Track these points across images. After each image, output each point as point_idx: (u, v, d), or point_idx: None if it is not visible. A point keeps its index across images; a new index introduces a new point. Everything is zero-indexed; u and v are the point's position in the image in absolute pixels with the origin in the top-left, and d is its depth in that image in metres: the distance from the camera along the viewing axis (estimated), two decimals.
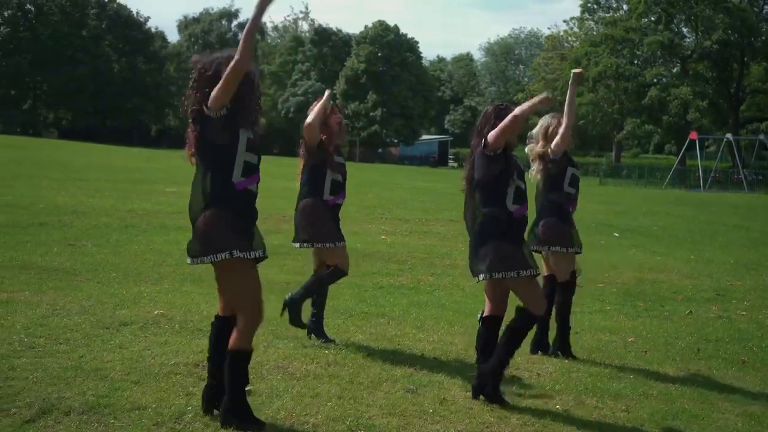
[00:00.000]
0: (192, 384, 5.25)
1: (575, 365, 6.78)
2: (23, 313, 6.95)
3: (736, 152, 53.50)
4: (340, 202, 7.01)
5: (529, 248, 5.79)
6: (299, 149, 6.95)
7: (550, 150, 7.04)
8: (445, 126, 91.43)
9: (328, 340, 6.87)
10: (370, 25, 77.94)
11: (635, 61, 60.55)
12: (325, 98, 6.82)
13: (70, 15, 78.64)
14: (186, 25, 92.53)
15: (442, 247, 14.36)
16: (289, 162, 7.92)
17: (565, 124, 6.97)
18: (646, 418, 5.51)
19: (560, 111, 7.18)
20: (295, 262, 10.57)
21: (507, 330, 5.61)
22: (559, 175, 7.08)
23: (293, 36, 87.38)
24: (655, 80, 58.44)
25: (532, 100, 5.43)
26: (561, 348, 7.05)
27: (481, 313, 5.91)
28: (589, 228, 20.19)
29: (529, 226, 7.16)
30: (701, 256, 16.12)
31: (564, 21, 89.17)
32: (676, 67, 62.15)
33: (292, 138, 69.00)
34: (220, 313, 4.87)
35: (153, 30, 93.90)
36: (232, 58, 4.53)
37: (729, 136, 51.23)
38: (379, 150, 77.98)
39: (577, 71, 6.98)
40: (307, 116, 6.78)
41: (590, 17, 67.99)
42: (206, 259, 4.55)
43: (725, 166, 56.28)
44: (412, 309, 8.92)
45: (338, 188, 6.91)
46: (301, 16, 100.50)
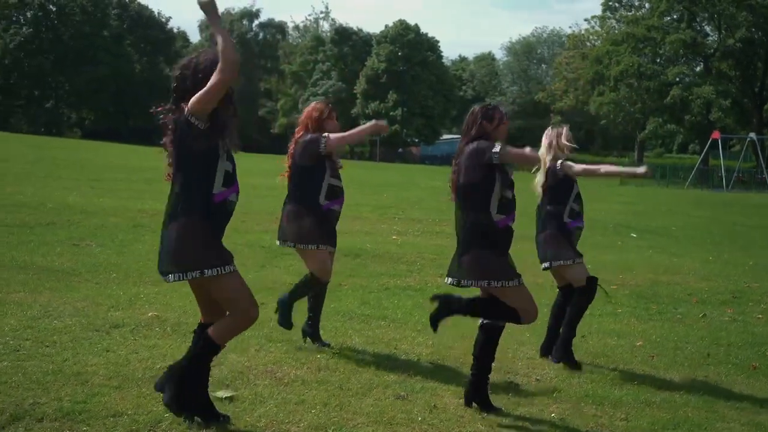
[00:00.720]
0: None
1: (578, 373, 6.55)
2: (14, 315, 6.82)
3: (759, 152, 52.79)
4: (336, 208, 6.71)
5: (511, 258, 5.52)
6: (291, 147, 6.72)
7: (558, 164, 6.81)
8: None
9: (323, 344, 6.69)
10: (390, 25, 77.81)
11: (657, 60, 59.97)
12: (375, 128, 6.80)
13: (91, 15, 78.93)
14: (207, 25, 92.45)
15: (452, 247, 14.11)
16: None
17: (591, 169, 7.00)
18: (645, 427, 5.28)
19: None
20: (301, 263, 10.38)
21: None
22: (560, 189, 6.87)
23: (314, 36, 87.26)
24: (677, 79, 57.81)
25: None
26: (560, 354, 6.74)
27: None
28: (606, 229, 19.95)
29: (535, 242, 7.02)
30: (719, 258, 15.83)
31: (585, 20, 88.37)
32: (699, 66, 61.47)
33: None
34: (202, 320, 4.71)
35: (175, 30, 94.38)
36: (210, 60, 4.40)
37: (752, 135, 50.60)
38: (400, 150, 77.81)
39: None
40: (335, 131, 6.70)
41: (612, 16, 67.42)
42: (175, 276, 4.41)
43: (749, 166, 55.56)
44: (415, 311, 8.72)
45: (337, 193, 6.66)
46: (322, 15, 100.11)
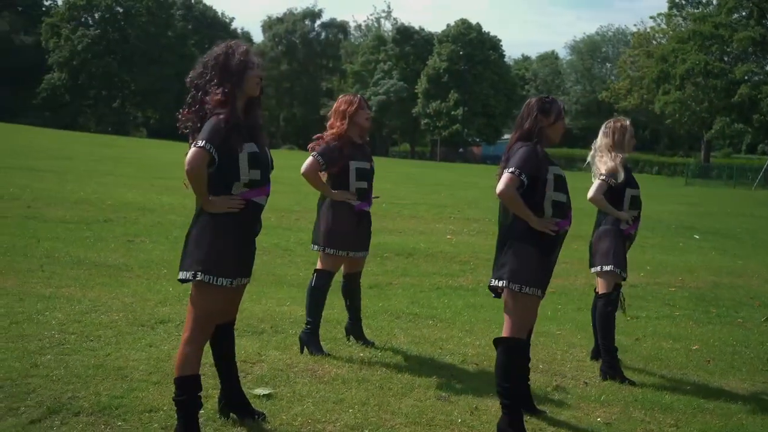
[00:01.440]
0: (213, 386, 5.03)
1: (628, 374, 6.33)
2: (62, 309, 6.87)
3: None
4: (367, 209, 6.44)
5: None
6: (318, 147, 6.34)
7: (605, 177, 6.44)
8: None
9: (367, 343, 6.59)
10: (452, 24, 77.44)
11: (725, 58, 58.53)
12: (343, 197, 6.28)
13: (156, 16, 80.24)
14: (270, 25, 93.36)
15: None
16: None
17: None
18: None
19: None
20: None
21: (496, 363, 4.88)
22: (615, 196, 6.48)
23: (376, 35, 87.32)
24: (745, 77, 56.24)
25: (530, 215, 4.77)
26: (610, 373, 6.25)
27: None
28: (668, 230, 19.55)
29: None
30: None
31: (651, 17, 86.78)
32: None
33: (372, 137, 69.05)
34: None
35: (238, 30, 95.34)
36: (225, 55, 4.28)
37: None
38: (461, 149, 77.40)
39: None
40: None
41: (678, 13, 65.97)
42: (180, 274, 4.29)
43: None
44: (465, 311, 8.60)
45: (363, 195, 6.38)
46: (384, 15, 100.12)
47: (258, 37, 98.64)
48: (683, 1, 65.16)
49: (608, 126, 6.63)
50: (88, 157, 28.03)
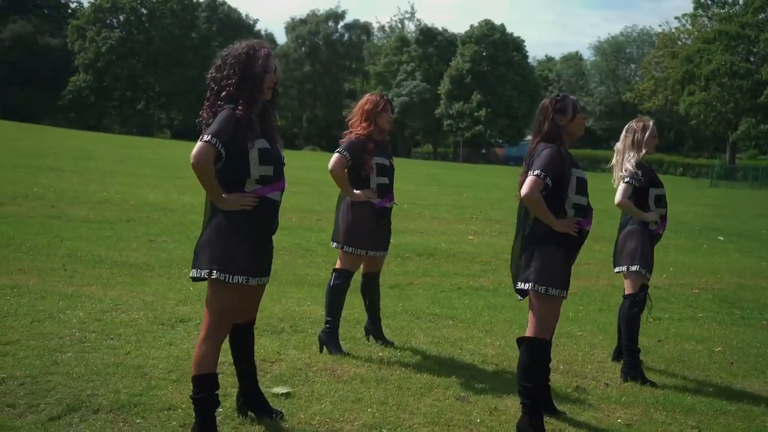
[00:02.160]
0: (231, 384, 5.03)
1: (649, 376, 6.28)
2: (83, 308, 6.91)
3: None
4: (389, 205, 6.42)
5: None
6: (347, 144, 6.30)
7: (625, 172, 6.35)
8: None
9: (387, 342, 6.57)
10: (476, 25, 77.27)
11: (751, 59, 58.00)
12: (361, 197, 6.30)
13: (181, 18, 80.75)
14: (293, 26, 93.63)
15: None
16: (395, 163, 7.79)
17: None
18: None
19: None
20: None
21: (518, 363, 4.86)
22: (640, 196, 6.38)
23: (399, 36, 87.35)
24: None
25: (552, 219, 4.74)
26: (632, 374, 6.19)
27: None
28: (692, 231, 19.40)
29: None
30: None
31: (676, 18, 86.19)
32: None
33: (394, 138, 69.04)
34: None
35: (262, 32, 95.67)
36: (247, 54, 4.25)
37: None
38: (483, 150, 77.20)
39: None
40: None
41: (704, 13, 65.50)
42: (193, 272, 4.27)
43: None
44: (485, 312, 8.56)
45: (384, 191, 6.37)
46: (408, 16, 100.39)
47: (281, 39, 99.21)
48: (709, 1, 64.71)
49: (628, 127, 6.58)
50: (111, 158, 28.19)
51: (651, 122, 6.57)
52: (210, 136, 4.08)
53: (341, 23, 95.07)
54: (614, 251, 6.61)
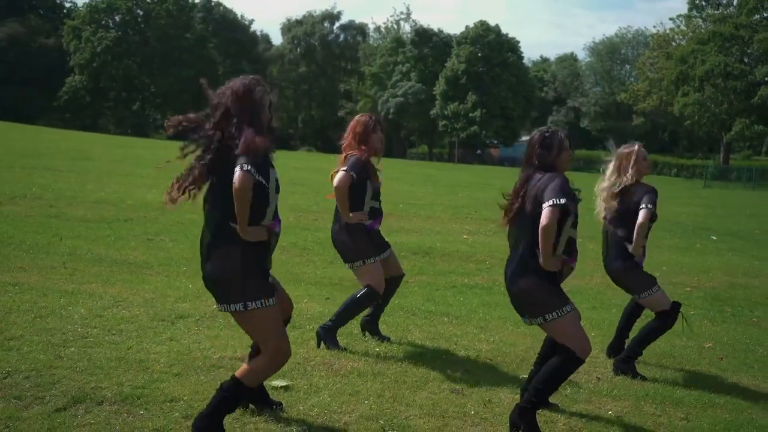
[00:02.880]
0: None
1: (640, 370, 6.41)
2: (84, 304, 7.02)
3: None
4: (378, 227, 6.59)
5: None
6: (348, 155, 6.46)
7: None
8: (549, 125, 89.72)
9: (383, 338, 6.70)
10: (471, 26, 77.38)
11: (745, 60, 58.24)
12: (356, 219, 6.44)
13: (176, 18, 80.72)
14: (289, 27, 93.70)
15: None
16: (390, 164, 7.76)
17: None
18: (706, 427, 5.16)
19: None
20: None
21: (546, 365, 4.95)
22: (627, 212, 6.45)
23: (394, 37, 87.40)
24: (766, 79, 55.99)
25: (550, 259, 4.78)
26: (623, 368, 6.35)
27: None
28: (685, 231, 19.56)
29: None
30: None
31: (671, 19, 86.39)
32: None
33: (390, 139, 69.18)
34: None
35: (258, 33, 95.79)
36: (234, 89, 4.33)
37: None
38: (478, 151, 77.37)
39: None
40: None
41: (698, 14, 65.70)
42: (221, 307, 4.35)
43: None
44: (480, 309, 8.70)
45: (376, 214, 6.53)
46: (403, 17, 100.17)
47: (277, 40, 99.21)
48: (703, 2, 64.92)
49: (617, 155, 6.60)
50: (107, 158, 28.30)
51: (635, 147, 6.60)
52: (249, 166, 4.13)
53: (337, 24, 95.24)
54: (613, 277, 6.68)
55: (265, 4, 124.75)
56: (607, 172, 6.60)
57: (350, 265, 6.54)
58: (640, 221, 6.27)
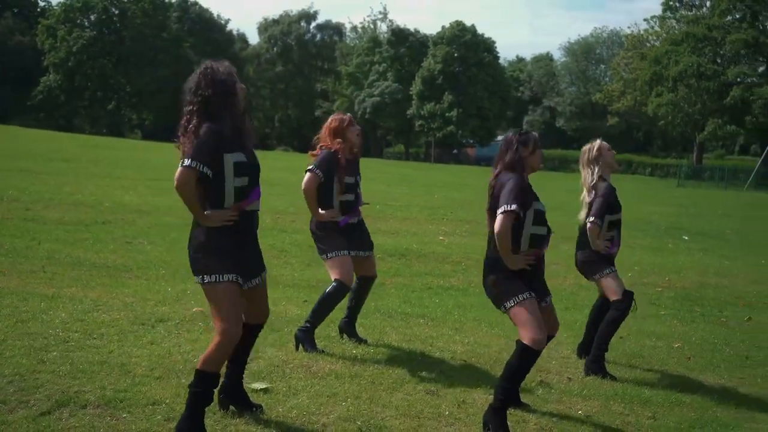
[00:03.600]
0: None
1: (610, 370, 6.60)
2: (65, 308, 7.10)
3: None
4: (353, 221, 6.76)
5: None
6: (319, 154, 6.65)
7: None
8: (524, 126, 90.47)
9: (360, 340, 6.85)
10: (447, 26, 77.69)
11: (717, 60, 58.94)
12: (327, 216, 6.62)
13: (152, 18, 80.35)
14: (266, 27, 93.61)
15: None
16: (367, 163, 7.89)
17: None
18: (672, 426, 5.35)
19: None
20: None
21: (506, 363, 5.18)
22: (591, 204, 6.74)
23: (371, 37, 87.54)
24: (738, 79, 56.80)
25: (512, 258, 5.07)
26: (594, 369, 6.54)
27: None
28: (658, 231, 19.83)
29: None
30: None
31: (645, 20, 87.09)
32: (762, 66, 60.24)
33: (367, 139, 69.25)
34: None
35: (234, 32, 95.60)
36: (212, 69, 4.52)
37: None
38: (455, 151, 77.65)
39: None
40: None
41: (672, 16, 66.39)
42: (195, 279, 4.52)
43: None
44: (455, 310, 8.86)
45: (349, 208, 6.71)
46: (380, 17, 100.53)
47: (254, 39, 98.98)
48: (677, 4, 65.59)
49: (582, 151, 6.92)
50: (84, 159, 28.20)
51: (597, 141, 6.89)
52: (190, 160, 4.33)
53: (313, 24, 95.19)
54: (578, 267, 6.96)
55: (241, 3, 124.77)
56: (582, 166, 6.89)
57: (322, 259, 6.72)
58: (588, 230, 6.64)
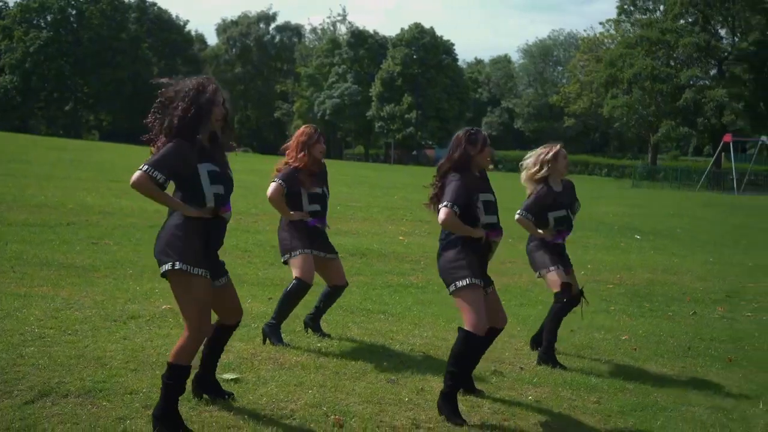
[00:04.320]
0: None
1: (560, 360, 7.01)
2: (38, 306, 7.35)
3: None
4: (321, 226, 7.13)
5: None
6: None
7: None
8: (483, 127, 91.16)
9: (323, 335, 7.19)
10: (406, 28, 78.25)
11: (671, 63, 60.12)
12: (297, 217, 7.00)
13: (110, 19, 79.83)
14: (224, 28, 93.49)
15: None
16: (327, 165, 8.14)
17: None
18: (615, 409, 5.76)
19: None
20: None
21: (451, 350, 5.50)
22: (540, 217, 7.20)
23: (330, 38, 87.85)
24: (690, 82, 58.01)
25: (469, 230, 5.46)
26: (545, 359, 6.94)
27: None
28: (611, 230, 20.38)
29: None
30: (720, 259, 16.22)
31: (600, 23, 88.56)
32: (713, 70, 61.58)
33: (327, 140, 69.38)
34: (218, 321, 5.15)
35: (192, 33, 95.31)
36: (197, 89, 4.74)
37: (764, 138, 50.69)
38: (414, 152, 78.19)
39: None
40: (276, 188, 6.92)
41: (627, 19, 67.53)
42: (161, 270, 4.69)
43: (762, 169, 55.65)
44: (414, 307, 9.23)
45: (317, 216, 7.07)
46: (339, 18, 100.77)
47: (212, 40, 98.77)
48: (631, 7, 66.69)
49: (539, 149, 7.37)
50: (44, 161, 28.14)
51: (557, 147, 7.31)
52: (147, 166, 4.58)
53: (273, 25, 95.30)
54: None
55: (200, 4, 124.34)
56: (530, 161, 7.31)
57: (283, 259, 7.06)
58: (516, 221, 7.15)
